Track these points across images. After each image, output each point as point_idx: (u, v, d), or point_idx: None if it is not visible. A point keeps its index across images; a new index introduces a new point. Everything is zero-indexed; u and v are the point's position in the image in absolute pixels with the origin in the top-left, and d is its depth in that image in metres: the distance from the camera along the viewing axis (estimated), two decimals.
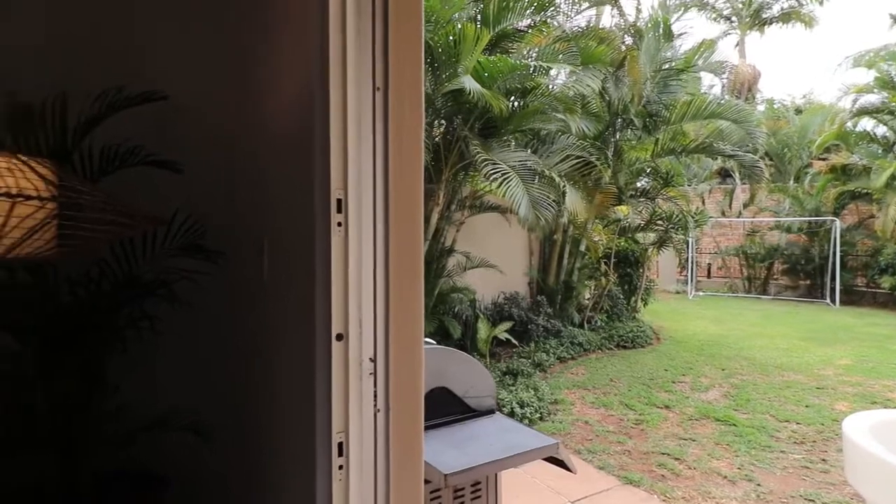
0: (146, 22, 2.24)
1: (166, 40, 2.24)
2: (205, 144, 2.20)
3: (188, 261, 2.04)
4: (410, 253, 1.30)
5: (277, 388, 1.53)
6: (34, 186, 0.86)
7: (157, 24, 2.24)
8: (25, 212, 0.84)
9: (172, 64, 2.23)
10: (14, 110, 2.01)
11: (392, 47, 1.29)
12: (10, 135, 1.90)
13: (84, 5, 2.16)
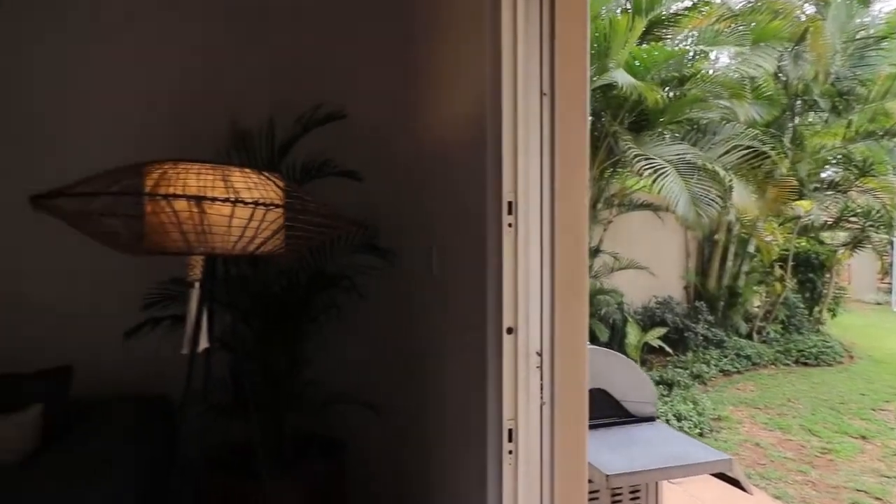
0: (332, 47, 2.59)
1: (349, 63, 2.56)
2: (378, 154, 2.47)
3: (365, 258, 2.33)
4: (575, 253, 1.33)
5: (449, 371, 1.67)
6: (277, 195, 1.09)
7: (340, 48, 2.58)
8: (272, 217, 1.07)
9: (353, 84, 2.55)
10: (236, 135, 2.48)
11: (558, 52, 1.33)
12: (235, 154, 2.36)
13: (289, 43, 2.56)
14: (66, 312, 2.31)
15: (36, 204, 1.04)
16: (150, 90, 2.41)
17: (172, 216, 0.93)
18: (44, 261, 2.29)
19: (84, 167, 2.24)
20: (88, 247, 2.26)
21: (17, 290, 2.28)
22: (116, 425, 1.88)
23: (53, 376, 1.92)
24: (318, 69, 2.58)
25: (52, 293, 2.31)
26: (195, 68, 2.46)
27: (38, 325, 2.28)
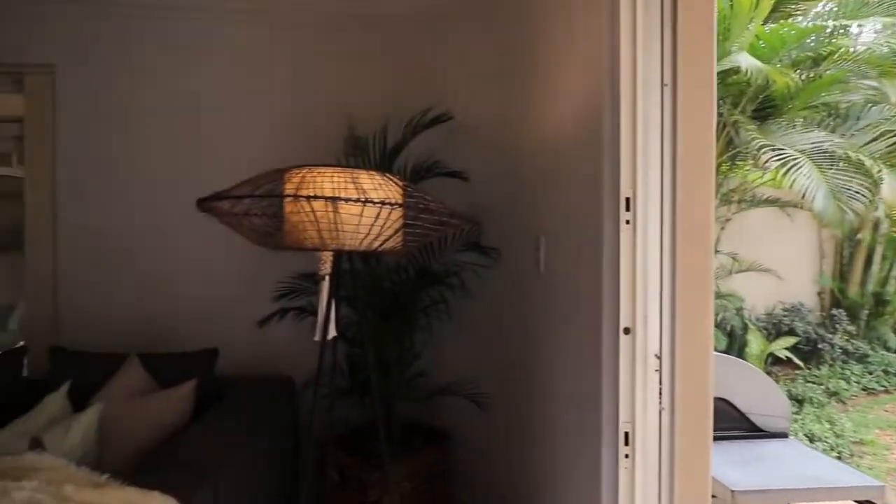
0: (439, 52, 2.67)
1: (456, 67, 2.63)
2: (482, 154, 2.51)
3: (469, 256, 2.38)
4: (699, 252, 1.25)
5: (558, 369, 1.65)
6: (397, 195, 1.17)
7: (446, 52, 2.66)
8: (394, 216, 1.14)
9: (459, 87, 2.61)
10: (351, 141, 2.65)
11: (681, 41, 1.26)
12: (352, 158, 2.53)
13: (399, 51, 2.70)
14: (211, 303, 2.64)
15: (200, 206, 1.20)
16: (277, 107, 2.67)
17: (310, 215, 1.04)
18: (194, 261, 2.64)
19: (230, 176, 2.53)
20: (229, 249, 2.58)
21: (174, 285, 2.65)
22: (253, 401, 2.11)
23: (203, 357, 2.20)
24: (427, 74, 2.68)
25: (200, 287, 2.65)
26: (315, 83, 2.68)
27: (191, 314, 2.63)
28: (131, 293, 2.64)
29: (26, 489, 1.10)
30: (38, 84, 2.65)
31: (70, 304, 2.64)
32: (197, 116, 2.66)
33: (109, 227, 2.63)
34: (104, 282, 2.63)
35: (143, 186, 2.63)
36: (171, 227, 2.62)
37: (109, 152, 2.63)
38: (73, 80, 2.62)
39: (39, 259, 2.66)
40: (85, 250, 2.63)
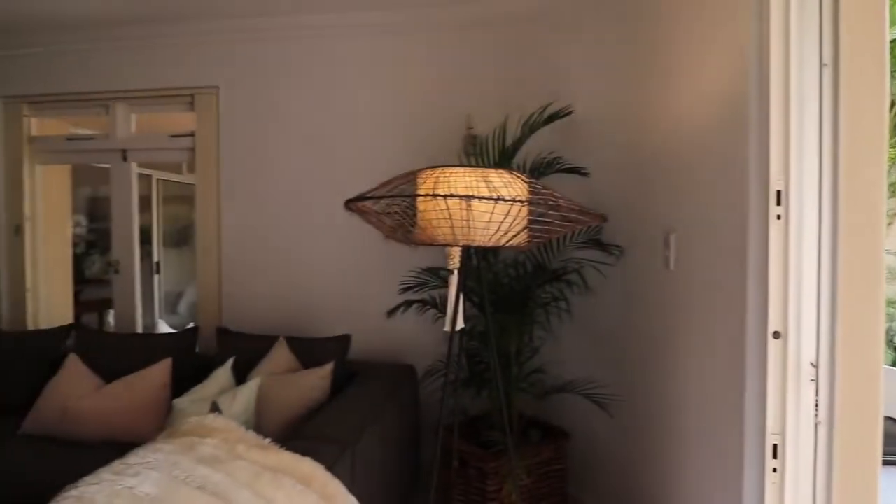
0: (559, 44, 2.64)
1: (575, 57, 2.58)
2: (603, 148, 2.43)
3: (588, 252, 2.33)
4: (867, 250, 1.11)
5: (691, 372, 1.57)
6: (524, 193, 1.20)
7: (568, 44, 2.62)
8: (523, 213, 1.17)
9: (578, 79, 2.56)
10: (472, 139, 2.72)
11: (845, 14, 1.12)
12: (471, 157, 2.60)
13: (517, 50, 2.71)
14: (343, 294, 2.90)
15: (347, 205, 1.34)
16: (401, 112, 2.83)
17: (444, 213, 1.11)
18: (330, 256, 2.91)
19: (361, 176, 2.73)
20: (359, 245, 2.80)
21: (312, 277, 2.94)
22: (381, 385, 2.28)
23: (338, 342, 2.42)
24: (544, 70, 2.67)
25: (334, 280, 2.91)
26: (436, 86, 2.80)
27: (326, 303, 2.91)
28: (278, 283, 2.98)
29: (209, 445, 1.32)
30: (205, 103, 3.10)
31: (230, 292, 3.06)
32: (332, 124, 2.92)
33: (261, 226, 3.00)
34: (256, 273, 3.01)
35: (289, 189, 2.96)
36: (313, 225, 2.92)
37: (261, 159, 3.00)
38: (232, 98, 3.03)
39: (207, 254, 3.11)
40: (241, 246, 3.03)
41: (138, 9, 2.82)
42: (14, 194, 3.36)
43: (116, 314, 3.34)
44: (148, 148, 3.28)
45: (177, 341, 2.62)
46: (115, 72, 3.18)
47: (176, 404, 1.99)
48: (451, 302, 1.33)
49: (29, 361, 2.68)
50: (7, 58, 3.28)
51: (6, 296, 3.35)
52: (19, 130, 3.35)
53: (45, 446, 2.28)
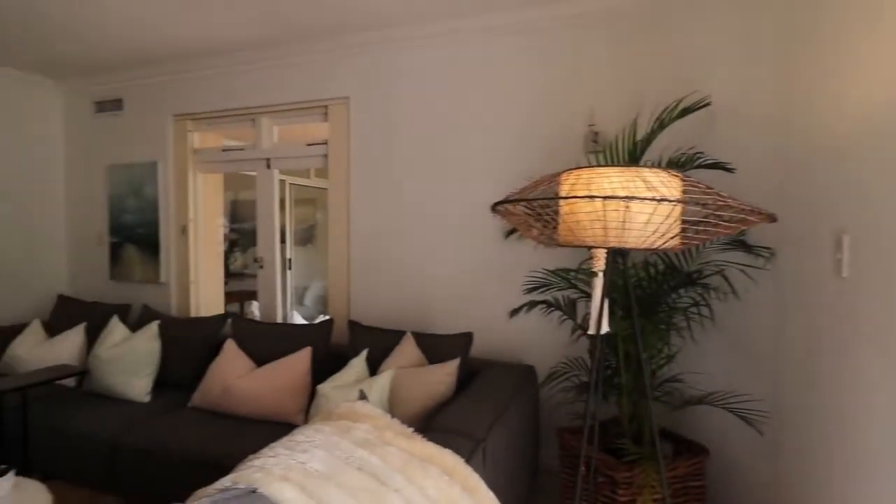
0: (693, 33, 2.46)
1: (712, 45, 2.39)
2: (750, 139, 2.23)
3: (732, 254, 2.14)
4: None
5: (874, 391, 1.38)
6: (679, 191, 1.13)
7: (704, 32, 2.43)
8: (676, 213, 1.11)
9: (716, 67, 2.37)
10: (594, 137, 2.64)
11: None
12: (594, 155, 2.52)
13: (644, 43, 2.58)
14: (464, 292, 2.96)
15: (493, 209, 1.37)
16: (521, 112, 2.83)
17: (598, 215, 1.09)
18: (451, 256, 3.00)
19: (482, 177, 2.77)
20: (478, 245, 2.85)
21: (434, 274, 3.05)
22: (504, 384, 2.30)
23: (461, 339, 2.49)
24: (673, 62, 2.50)
25: (455, 278, 2.99)
26: (555, 85, 2.75)
27: (447, 301, 3.00)
28: (401, 281, 3.13)
29: (361, 430, 1.42)
30: (337, 113, 3.35)
31: (357, 288, 3.27)
32: (452, 126, 3.00)
33: (386, 227, 3.18)
34: (381, 271, 3.19)
35: (412, 191, 3.09)
36: (436, 225, 3.03)
37: (387, 164, 3.17)
38: (360, 107, 3.24)
39: (337, 253, 3.36)
40: (368, 246, 3.23)
41: (276, 32, 3.13)
42: (181, 199, 3.89)
43: (260, 305, 3.73)
44: (288, 156, 3.61)
45: (315, 332, 2.86)
46: (259, 89, 3.55)
47: (319, 389, 2.18)
48: (595, 304, 1.30)
49: (194, 344, 3.10)
50: (176, 82, 3.81)
51: (175, 287, 3.90)
52: (185, 144, 3.88)
53: (210, 418, 2.62)
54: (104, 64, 3.79)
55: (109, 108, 4.07)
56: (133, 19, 2.97)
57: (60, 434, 2.63)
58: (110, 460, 2.49)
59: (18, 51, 3.50)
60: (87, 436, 2.55)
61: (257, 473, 1.16)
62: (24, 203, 4.03)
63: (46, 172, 4.19)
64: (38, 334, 3.41)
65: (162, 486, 2.36)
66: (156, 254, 3.89)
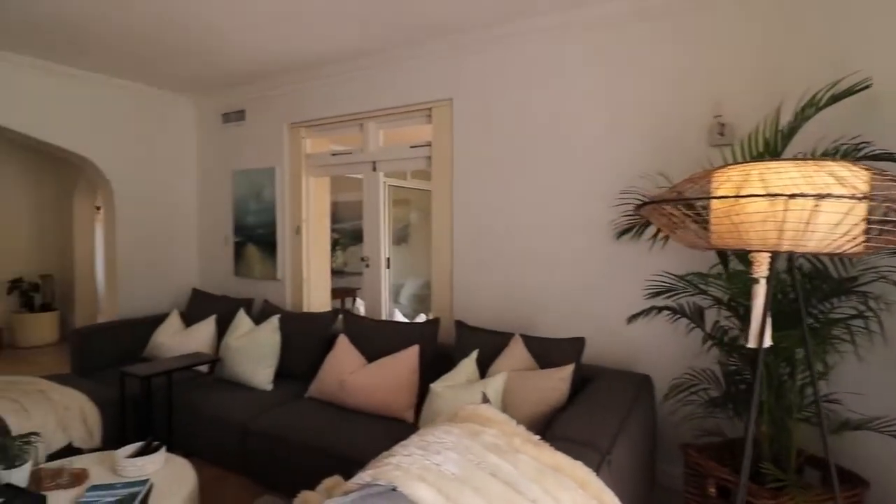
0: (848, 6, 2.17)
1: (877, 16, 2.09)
2: None
3: None
4: None
5: None
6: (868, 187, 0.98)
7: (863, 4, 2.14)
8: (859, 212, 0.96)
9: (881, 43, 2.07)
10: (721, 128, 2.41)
11: None
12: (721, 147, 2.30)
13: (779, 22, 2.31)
14: (573, 295, 2.86)
15: (638, 209, 1.28)
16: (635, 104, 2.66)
17: (771, 215, 0.97)
18: (560, 257, 2.90)
19: (599, 175, 2.64)
20: (590, 246, 2.73)
21: (540, 275, 2.98)
22: (623, 392, 2.18)
23: (573, 344, 2.39)
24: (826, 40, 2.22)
25: (564, 280, 2.89)
26: (675, 74, 2.55)
27: (555, 303, 2.91)
28: (506, 281, 3.09)
29: (489, 434, 1.40)
30: (441, 115, 3.38)
31: (460, 287, 3.28)
32: (561, 123, 2.90)
33: (490, 227, 3.15)
34: (485, 271, 3.17)
35: (518, 190, 3.04)
36: (542, 225, 2.95)
37: (491, 163, 3.15)
38: (464, 107, 3.24)
39: (441, 252, 3.39)
40: (472, 246, 3.23)
41: (382, 38, 3.21)
42: (295, 202, 4.16)
43: (365, 303, 3.88)
44: (392, 158, 3.72)
45: (422, 330, 2.91)
46: (367, 95, 3.68)
47: (433, 388, 2.20)
48: (756, 315, 1.17)
49: (309, 338, 3.29)
50: (290, 92, 4.07)
51: (289, 283, 4.17)
52: (299, 150, 4.14)
53: (326, 409, 2.76)
54: (229, 80, 4.15)
55: (234, 118, 4.45)
56: (250, 42, 3.21)
57: (198, 415, 2.91)
58: (240, 442, 2.71)
59: (158, 71, 3.94)
60: (221, 418, 2.80)
61: (396, 472, 1.18)
62: (165, 206, 4.53)
63: (182, 179, 4.67)
64: (177, 323, 3.81)
65: (284, 469, 2.52)
66: (273, 252, 4.18)
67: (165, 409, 2.97)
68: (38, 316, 5.84)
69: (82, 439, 2.79)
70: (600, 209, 2.75)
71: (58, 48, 3.45)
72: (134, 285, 4.32)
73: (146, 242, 4.41)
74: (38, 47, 3.44)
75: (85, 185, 6.16)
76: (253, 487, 2.63)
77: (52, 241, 6.31)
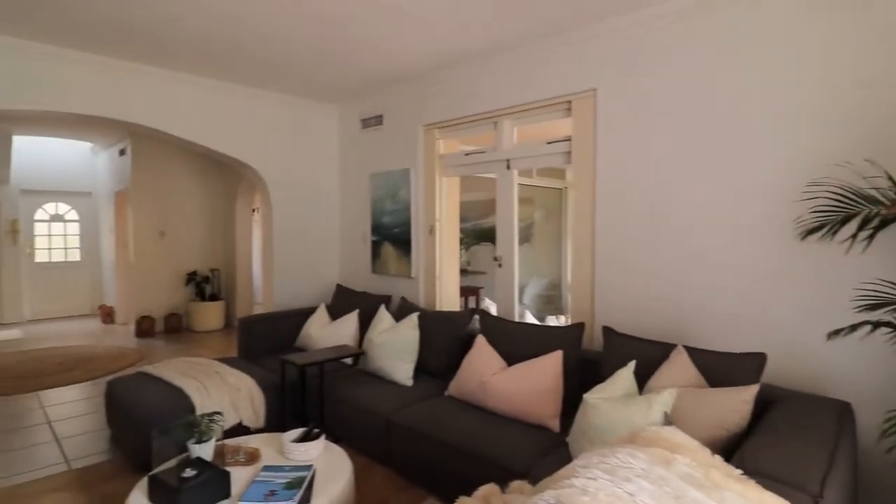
0: None
1: None
2: None
3: None
4: None
5: None
6: None
7: None
8: None
9: None
10: None
11: None
12: None
13: None
14: (746, 303, 2.50)
15: None
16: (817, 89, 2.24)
17: None
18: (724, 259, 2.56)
19: (770, 169, 2.27)
20: (764, 248, 2.35)
21: (699, 279, 2.65)
22: (820, 421, 1.84)
23: (752, 360, 2.09)
24: None
25: (728, 285, 2.55)
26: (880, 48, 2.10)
27: (721, 312, 2.58)
28: (659, 285, 2.82)
29: (682, 463, 1.23)
30: (582, 107, 3.19)
31: (603, 290, 3.07)
32: (724, 112, 2.56)
33: (638, 225, 2.90)
34: (632, 274, 2.93)
35: (673, 185, 2.75)
36: (704, 224, 2.64)
37: (641, 156, 2.89)
38: (611, 97, 3.02)
39: (581, 252, 3.21)
40: (617, 245, 3.00)
41: (516, 33, 3.10)
42: (429, 202, 4.23)
43: (497, 303, 3.82)
44: (527, 156, 3.61)
45: (565, 335, 2.76)
46: (500, 92, 3.62)
47: (587, 399, 2.06)
48: None
49: (445, 336, 3.31)
50: (426, 95, 4.15)
51: (423, 281, 4.26)
52: (433, 151, 4.21)
53: (466, 409, 2.74)
54: (368, 86, 4.35)
55: (372, 123, 4.67)
56: (386, 49, 3.30)
57: (347, 404, 3.07)
58: (385, 434, 2.80)
59: (305, 82, 4.25)
60: (368, 410, 2.92)
61: (583, 497, 1.07)
62: (312, 208, 4.91)
63: (326, 182, 5.03)
64: (324, 317, 4.09)
65: (427, 465, 2.55)
66: (407, 251, 4.31)
67: (317, 396, 3.19)
68: (208, 304, 6.70)
69: (250, 419, 3.10)
70: (777, 204, 2.38)
71: (217, 66, 3.87)
72: (286, 280, 4.73)
73: (297, 241, 4.81)
74: (205, 66, 3.89)
75: (244, 190, 6.94)
76: (397, 479, 2.70)
77: (219, 239, 7.21)
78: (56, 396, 4.12)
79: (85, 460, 2.96)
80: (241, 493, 1.90)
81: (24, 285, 7.56)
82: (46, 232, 7.84)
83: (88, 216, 8.10)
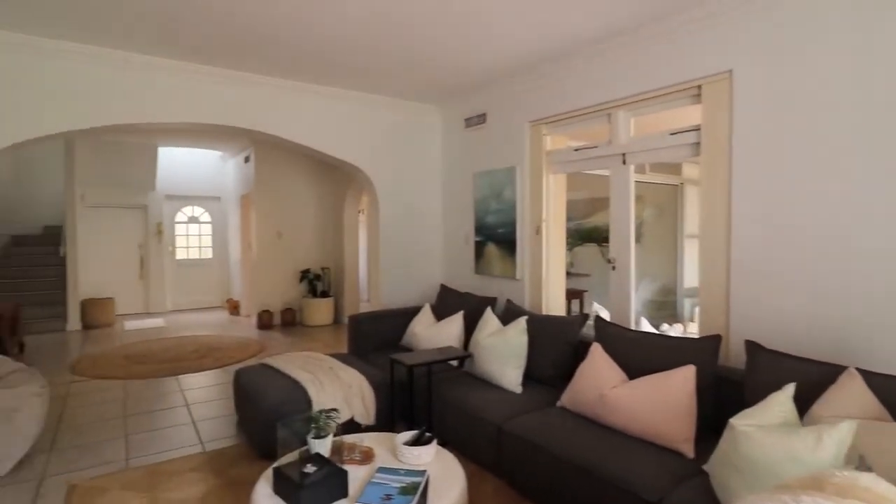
0: None
1: None
2: None
3: None
4: None
5: None
6: None
7: None
8: None
9: None
10: None
11: None
12: None
13: None
14: None
15: None
16: None
17: None
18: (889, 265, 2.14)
19: None
20: None
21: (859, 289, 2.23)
22: None
23: None
24: None
25: None
26: None
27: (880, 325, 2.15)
28: (810, 293, 2.42)
29: None
30: (715, 92, 2.84)
31: (739, 297, 2.71)
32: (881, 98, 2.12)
33: (788, 225, 2.51)
34: (777, 281, 2.55)
35: (832, 179, 2.34)
36: (879, 224, 2.21)
37: (788, 147, 2.50)
38: (751, 79, 2.65)
39: (712, 256, 2.86)
40: (758, 249, 2.63)
41: (634, 15, 2.83)
42: (535, 201, 4.07)
43: (611, 309, 3.56)
44: (647, 149, 3.31)
45: (697, 347, 2.47)
46: (614, 81, 3.35)
47: (735, 426, 1.79)
48: None
49: (555, 342, 3.13)
50: (531, 90, 3.99)
51: (528, 283, 4.11)
52: (539, 147, 4.03)
53: (582, 423, 2.55)
54: (471, 85, 4.29)
55: (475, 122, 4.60)
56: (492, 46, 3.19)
57: (454, 408, 3.02)
58: (495, 443, 2.70)
59: (410, 84, 4.28)
60: (478, 416, 2.84)
61: None
62: (416, 208, 4.97)
63: (429, 183, 5.06)
64: (429, 317, 4.09)
65: (541, 479, 2.40)
66: (512, 252, 4.18)
67: (425, 397, 3.17)
68: (320, 301, 7.09)
69: (361, 416, 3.16)
70: None
71: (330, 73, 4.02)
72: (391, 279, 4.83)
73: (402, 241, 4.89)
74: (314, 74, 4.06)
75: (351, 192, 7.25)
76: (509, 491, 2.59)
77: (329, 239, 7.61)
78: (192, 382, 4.57)
79: (216, 443, 3.21)
80: (357, 493, 1.90)
81: (167, 280, 8.57)
82: (185, 232, 8.83)
83: (219, 218, 8.99)
